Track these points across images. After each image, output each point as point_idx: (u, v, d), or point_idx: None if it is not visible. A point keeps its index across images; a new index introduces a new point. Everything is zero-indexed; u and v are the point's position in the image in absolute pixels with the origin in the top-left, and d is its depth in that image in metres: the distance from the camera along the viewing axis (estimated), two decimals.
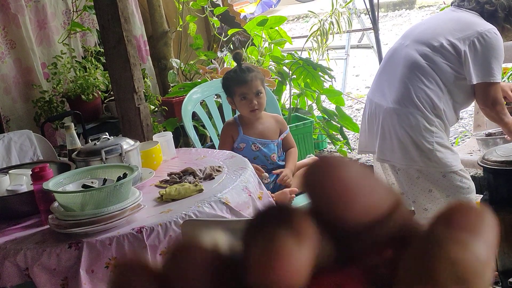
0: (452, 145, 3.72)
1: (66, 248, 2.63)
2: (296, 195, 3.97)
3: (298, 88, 5.85)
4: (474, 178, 3.83)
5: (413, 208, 3.78)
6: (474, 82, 3.55)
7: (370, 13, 6.75)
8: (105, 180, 2.88)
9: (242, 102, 3.97)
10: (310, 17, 12.57)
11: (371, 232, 0.38)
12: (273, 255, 0.35)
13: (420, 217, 3.71)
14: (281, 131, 4.11)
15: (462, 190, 3.60)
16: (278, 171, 3.99)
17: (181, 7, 6.10)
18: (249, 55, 5.93)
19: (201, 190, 3.01)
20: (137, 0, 5.99)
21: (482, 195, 3.51)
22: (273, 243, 0.35)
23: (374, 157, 3.93)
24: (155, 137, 3.76)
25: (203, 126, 4.83)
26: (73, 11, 5.47)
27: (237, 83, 3.99)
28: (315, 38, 6.80)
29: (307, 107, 5.99)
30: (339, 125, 5.64)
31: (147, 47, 5.93)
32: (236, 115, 4.15)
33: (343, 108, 5.92)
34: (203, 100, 4.72)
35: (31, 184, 3.02)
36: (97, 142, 3.30)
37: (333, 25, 6.83)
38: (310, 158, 4.31)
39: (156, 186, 3.22)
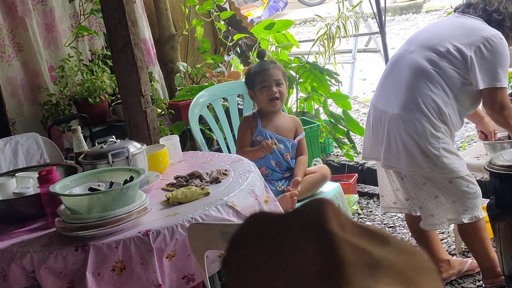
0: (459, 150, 3.71)
1: (73, 251, 2.63)
2: (298, 201, 3.99)
3: (305, 92, 5.85)
4: (480, 182, 3.83)
5: (419, 214, 3.78)
6: (481, 87, 3.54)
7: (377, 17, 6.75)
8: (111, 183, 2.88)
9: (262, 90, 4.00)
10: (317, 21, 12.59)
11: None
12: None
13: (427, 223, 3.70)
14: (297, 132, 4.14)
15: (468, 195, 3.59)
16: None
17: (187, 11, 6.11)
18: (256, 59, 5.93)
19: (207, 194, 3.01)
20: (144, 4, 6.00)
21: (488, 200, 3.51)
22: None
23: (379, 163, 3.92)
24: (161, 141, 3.76)
25: (210, 129, 4.83)
26: (81, 15, 5.48)
27: (258, 72, 4.03)
28: (321, 42, 6.80)
29: (314, 111, 5.99)
30: (346, 129, 5.64)
31: (155, 50, 5.94)
32: (255, 109, 4.16)
33: (350, 112, 5.91)
34: (210, 104, 4.72)
35: (37, 187, 3.02)
36: (104, 145, 3.31)
37: (340, 29, 6.82)
38: (318, 166, 4.31)
39: (162, 189, 3.23)
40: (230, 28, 6.38)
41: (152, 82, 5.40)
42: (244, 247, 0.55)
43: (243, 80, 4.33)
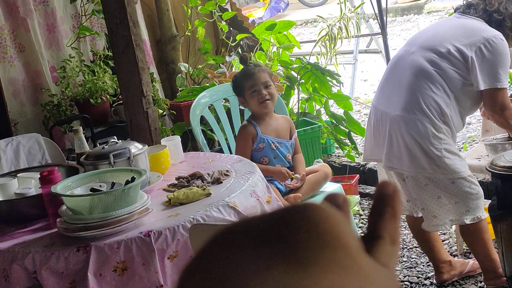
0: (460, 151, 3.71)
1: (74, 252, 2.64)
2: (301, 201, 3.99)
3: (306, 93, 5.85)
4: (482, 183, 3.83)
5: (421, 215, 3.78)
6: (481, 88, 3.54)
7: (378, 18, 6.75)
8: (113, 184, 2.89)
9: (252, 95, 3.98)
10: (319, 22, 12.58)
11: None
12: None
13: (430, 224, 3.70)
14: (291, 132, 4.13)
15: (470, 196, 3.59)
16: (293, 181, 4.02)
17: (189, 11, 6.11)
18: (257, 60, 5.94)
19: (209, 194, 3.01)
20: (145, 4, 6.00)
21: (490, 201, 3.50)
22: None
23: (379, 164, 3.92)
24: (163, 141, 3.76)
25: (211, 130, 4.83)
26: (82, 15, 5.48)
27: (245, 78, 4.01)
28: (323, 43, 6.80)
29: (315, 111, 5.99)
30: (347, 130, 5.63)
31: (151, 52, 5.93)
32: (248, 117, 4.14)
33: (351, 113, 5.91)
34: (211, 104, 4.72)
35: (39, 188, 3.02)
36: (106, 145, 3.31)
37: (341, 30, 6.82)
38: (320, 165, 4.32)
39: (164, 190, 3.23)
40: (231, 28, 6.38)
41: (154, 82, 5.41)
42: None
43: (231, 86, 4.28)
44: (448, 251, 4.18)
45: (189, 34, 6.12)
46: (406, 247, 4.51)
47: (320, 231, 0.46)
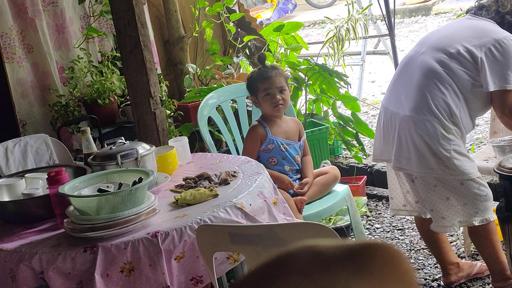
0: (468, 152, 3.69)
1: (81, 252, 2.64)
2: (313, 201, 3.99)
3: (314, 94, 5.85)
4: (490, 185, 3.81)
5: (429, 216, 3.77)
6: (491, 89, 3.52)
7: (386, 19, 6.74)
8: (120, 185, 2.89)
9: (266, 98, 3.98)
10: (327, 23, 12.58)
11: None
12: None
13: (438, 225, 3.69)
14: (300, 134, 4.13)
15: (479, 197, 3.58)
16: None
17: (197, 12, 6.11)
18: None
19: (216, 195, 3.01)
20: (153, 5, 6.01)
21: (498, 202, 3.49)
22: None
23: (388, 165, 3.91)
24: (170, 142, 3.76)
25: (219, 131, 4.83)
26: (90, 16, 5.49)
27: (261, 79, 4.01)
28: (331, 44, 6.79)
29: (322, 113, 5.99)
30: (355, 131, 5.63)
31: (157, 52, 5.93)
32: (258, 117, 4.14)
33: (359, 114, 5.91)
34: (219, 105, 4.72)
35: (47, 188, 3.03)
36: (113, 146, 3.31)
37: (349, 31, 6.82)
38: (329, 167, 4.31)
39: (171, 190, 3.23)
40: (239, 30, 6.38)
41: (161, 83, 5.41)
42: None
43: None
44: (456, 253, 4.17)
45: (196, 35, 6.12)
46: (413, 249, 4.50)
47: (403, 270, 0.51)
